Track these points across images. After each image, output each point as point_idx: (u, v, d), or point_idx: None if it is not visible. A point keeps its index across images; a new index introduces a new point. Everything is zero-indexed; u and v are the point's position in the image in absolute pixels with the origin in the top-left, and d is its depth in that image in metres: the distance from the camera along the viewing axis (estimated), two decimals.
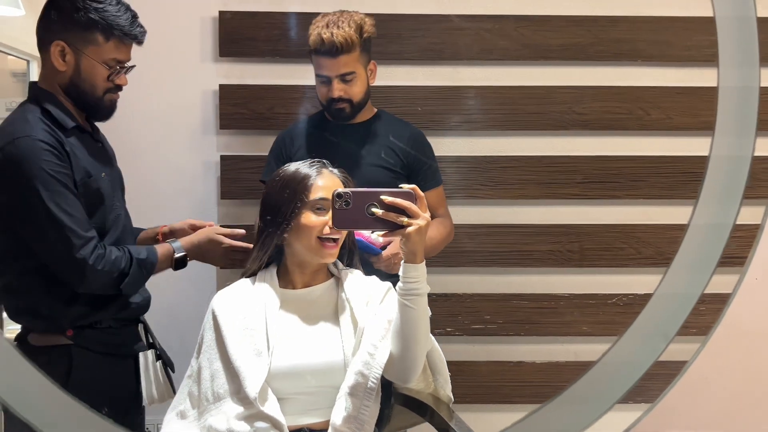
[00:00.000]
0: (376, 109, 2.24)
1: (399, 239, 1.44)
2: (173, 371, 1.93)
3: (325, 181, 1.64)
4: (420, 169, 2.18)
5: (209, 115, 2.56)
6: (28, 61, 3.05)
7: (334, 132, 2.17)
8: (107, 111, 1.80)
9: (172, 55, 2.52)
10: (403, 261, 1.46)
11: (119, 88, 1.79)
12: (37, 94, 1.74)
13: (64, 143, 1.68)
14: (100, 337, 1.77)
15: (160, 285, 1.91)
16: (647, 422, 1.04)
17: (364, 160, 2.13)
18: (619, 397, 0.92)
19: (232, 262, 1.91)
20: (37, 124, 1.66)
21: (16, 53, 3.06)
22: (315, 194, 1.62)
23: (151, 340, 1.91)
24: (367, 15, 2.09)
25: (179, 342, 1.99)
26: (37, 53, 1.78)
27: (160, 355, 1.90)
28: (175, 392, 1.87)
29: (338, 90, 2.05)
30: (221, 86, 2.53)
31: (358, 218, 1.42)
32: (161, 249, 1.81)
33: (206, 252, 1.88)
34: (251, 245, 1.75)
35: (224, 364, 1.57)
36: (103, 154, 1.85)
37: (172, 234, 1.95)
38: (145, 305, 1.90)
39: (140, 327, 1.90)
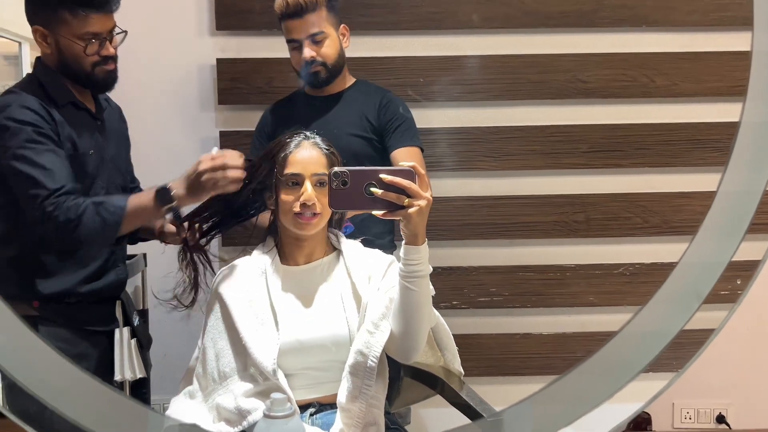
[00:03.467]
0: (354, 79, 2.19)
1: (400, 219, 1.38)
2: (147, 349, 1.92)
3: (302, 155, 1.58)
4: (390, 129, 2.10)
5: (207, 91, 2.53)
6: (20, 43, 2.97)
7: (311, 104, 2.13)
8: (103, 83, 1.77)
9: (168, 30, 2.48)
10: (404, 243, 1.42)
11: (109, 59, 1.74)
12: (37, 69, 1.75)
13: (54, 114, 1.68)
14: (67, 311, 1.74)
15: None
16: (656, 391, 1.02)
17: (339, 129, 2.07)
18: (645, 366, 0.89)
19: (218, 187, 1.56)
20: (28, 98, 1.66)
21: (6, 35, 2.98)
22: (288, 169, 1.57)
23: (129, 318, 1.88)
24: None
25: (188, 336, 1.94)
26: (28, 34, 1.76)
27: (135, 333, 1.88)
28: (147, 370, 1.90)
29: (309, 51, 2.01)
30: (218, 60, 2.50)
31: (356, 198, 1.35)
32: (141, 193, 1.67)
33: (194, 180, 1.55)
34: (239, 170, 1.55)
35: (231, 342, 1.55)
36: (100, 133, 1.82)
37: None
38: (118, 284, 1.87)
39: (118, 304, 1.88)
